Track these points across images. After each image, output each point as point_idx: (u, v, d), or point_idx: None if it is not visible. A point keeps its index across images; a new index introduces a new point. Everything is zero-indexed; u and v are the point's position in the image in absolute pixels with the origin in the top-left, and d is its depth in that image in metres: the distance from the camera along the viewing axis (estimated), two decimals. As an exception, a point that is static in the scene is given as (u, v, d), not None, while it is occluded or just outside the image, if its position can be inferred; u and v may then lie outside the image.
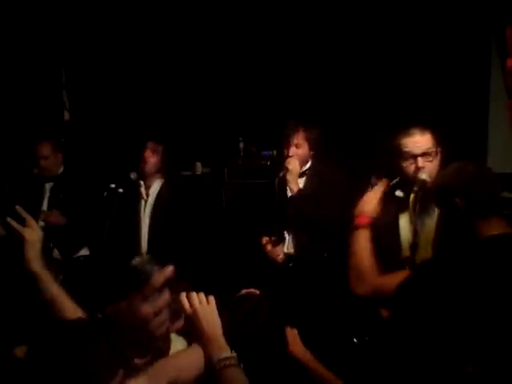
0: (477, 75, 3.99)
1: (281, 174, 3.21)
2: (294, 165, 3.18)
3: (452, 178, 1.91)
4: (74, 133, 4.75)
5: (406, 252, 2.38)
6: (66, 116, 4.85)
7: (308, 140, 3.23)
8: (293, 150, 3.22)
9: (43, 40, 4.69)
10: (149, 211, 3.55)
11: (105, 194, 3.35)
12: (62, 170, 3.79)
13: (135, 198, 3.56)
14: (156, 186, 3.61)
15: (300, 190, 3.19)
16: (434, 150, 2.38)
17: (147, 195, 3.58)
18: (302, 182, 3.28)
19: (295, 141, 3.23)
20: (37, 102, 4.66)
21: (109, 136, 4.75)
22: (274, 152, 4.80)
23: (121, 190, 3.36)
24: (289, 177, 3.18)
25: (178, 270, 3.19)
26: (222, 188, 5.05)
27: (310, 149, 3.26)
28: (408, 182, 2.41)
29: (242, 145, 5.12)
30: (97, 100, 4.84)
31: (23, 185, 3.75)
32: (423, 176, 2.36)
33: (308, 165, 3.31)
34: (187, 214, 3.53)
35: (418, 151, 2.37)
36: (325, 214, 3.11)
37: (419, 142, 2.39)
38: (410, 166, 2.39)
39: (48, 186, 3.76)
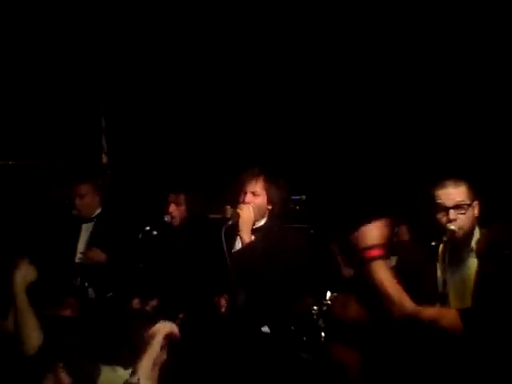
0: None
1: (229, 223, 2.83)
2: (246, 211, 2.82)
3: (502, 232, 1.99)
4: (111, 176, 4.93)
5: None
6: (104, 160, 5.04)
7: (267, 191, 2.90)
8: (249, 198, 2.88)
9: (85, 86, 4.93)
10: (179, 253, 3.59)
11: (140, 236, 3.43)
12: (99, 211, 3.86)
13: (169, 241, 3.62)
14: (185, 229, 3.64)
15: (251, 242, 2.80)
16: (467, 202, 2.40)
17: (179, 239, 3.62)
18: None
19: (253, 188, 2.89)
20: (75, 146, 4.87)
21: (145, 179, 4.90)
22: (303, 197, 4.87)
23: (155, 233, 3.45)
24: (241, 225, 2.81)
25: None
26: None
27: (269, 201, 2.91)
28: (441, 233, 2.43)
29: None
30: (134, 144, 5.03)
31: (61, 226, 3.87)
32: (452, 226, 2.40)
33: (263, 221, 2.94)
34: (210, 257, 3.53)
35: (450, 203, 2.40)
36: (272, 276, 2.76)
37: (452, 194, 2.41)
38: (442, 218, 2.41)
39: (85, 226, 3.82)
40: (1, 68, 4.56)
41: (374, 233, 2.24)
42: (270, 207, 2.94)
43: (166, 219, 3.61)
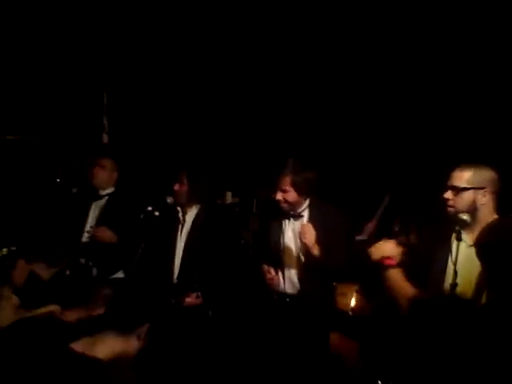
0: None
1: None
2: (307, 233, 3.08)
3: (495, 233, 1.93)
4: (111, 155, 4.84)
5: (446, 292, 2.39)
6: (105, 139, 4.97)
7: (294, 186, 3.10)
8: (279, 195, 3.14)
9: (87, 63, 4.85)
10: (184, 237, 3.52)
11: (141, 216, 3.37)
12: (111, 190, 3.78)
13: (172, 223, 3.56)
14: (192, 213, 3.56)
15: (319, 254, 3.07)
16: (463, 186, 2.44)
17: (184, 221, 3.55)
18: (297, 224, 3.20)
19: (282, 186, 3.12)
20: (77, 124, 4.80)
21: (146, 160, 4.84)
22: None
23: (157, 213, 3.38)
24: (307, 245, 3.08)
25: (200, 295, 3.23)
26: (250, 218, 5.07)
27: (299, 194, 3.13)
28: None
29: (273, 176, 5.16)
30: (135, 124, 4.96)
31: (66, 203, 3.79)
32: (464, 217, 2.41)
33: (304, 205, 3.19)
34: (216, 243, 3.50)
35: (449, 184, 2.50)
36: (333, 260, 3.06)
37: (453, 176, 2.50)
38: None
39: (94, 204, 3.75)
40: (5, 45, 4.48)
41: (388, 247, 2.41)
42: (306, 197, 3.17)
43: (168, 201, 3.55)
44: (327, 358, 3.13)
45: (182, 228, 3.54)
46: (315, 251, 3.06)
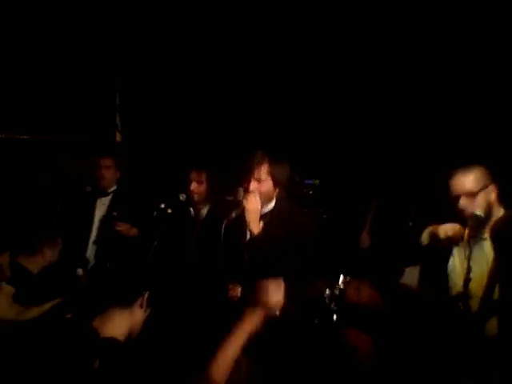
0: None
1: (233, 215, 2.77)
2: (252, 202, 2.74)
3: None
4: (124, 154, 4.90)
5: (458, 287, 2.40)
6: (118, 137, 5.02)
7: (272, 175, 2.79)
8: (254, 185, 2.78)
9: (99, 63, 4.90)
10: (196, 235, 3.54)
11: (154, 213, 3.41)
12: (114, 188, 3.87)
13: (185, 220, 3.59)
14: (204, 211, 3.58)
15: (261, 232, 2.74)
16: (475, 190, 2.46)
17: (197, 219, 3.56)
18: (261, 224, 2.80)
19: (257, 175, 2.79)
20: (90, 123, 4.85)
21: (159, 157, 4.88)
22: (317, 181, 4.84)
23: (170, 211, 3.42)
24: (248, 216, 2.74)
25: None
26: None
27: (275, 185, 2.82)
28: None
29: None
30: (148, 122, 5.00)
31: (75, 200, 3.87)
32: (478, 212, 2.42)
33: (271, 205, 2.85)
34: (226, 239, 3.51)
35: (458, 192, 2.50)
36: (286, 263, 2.66)
37: (460, 183, 2.51)
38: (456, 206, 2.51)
39: (100, 201, 3.84)
40: (18, 44, 4.54)
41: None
42: (276, 190, 2.88)
43: (180, 198, 3.58)
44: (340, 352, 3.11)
45: (194, 226, 3.55)
46: (254, 227, 2.73)
